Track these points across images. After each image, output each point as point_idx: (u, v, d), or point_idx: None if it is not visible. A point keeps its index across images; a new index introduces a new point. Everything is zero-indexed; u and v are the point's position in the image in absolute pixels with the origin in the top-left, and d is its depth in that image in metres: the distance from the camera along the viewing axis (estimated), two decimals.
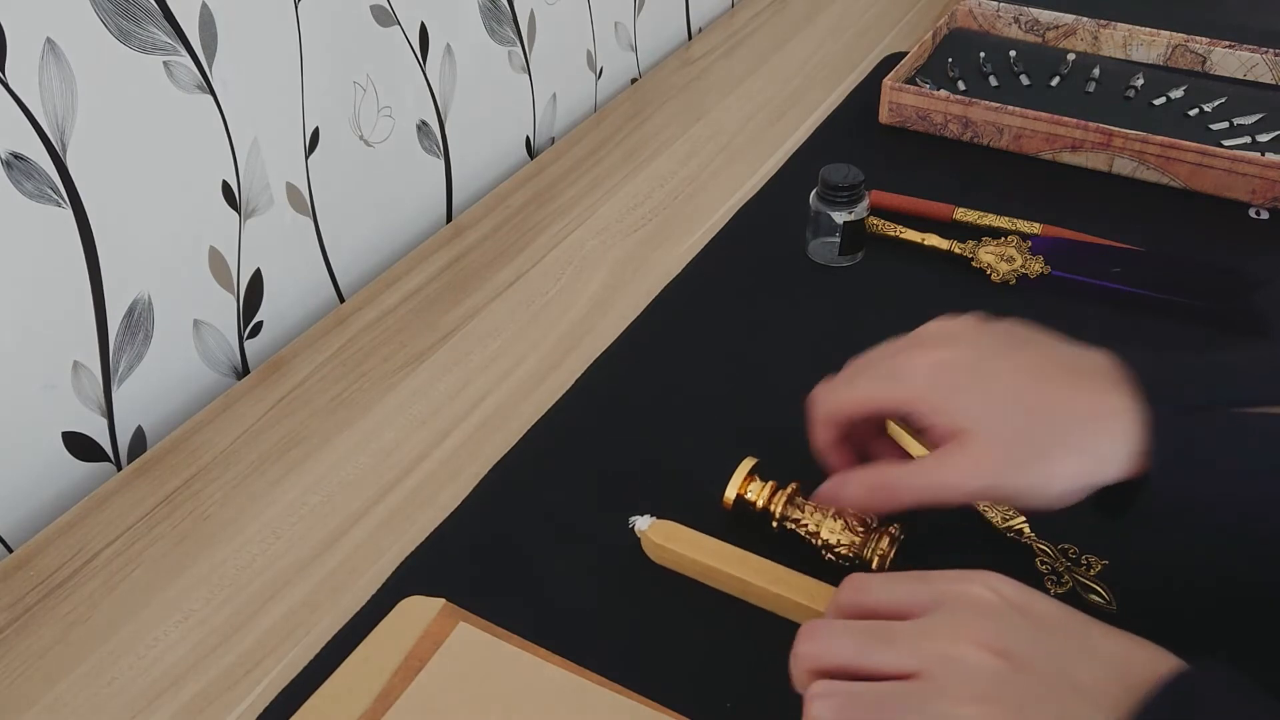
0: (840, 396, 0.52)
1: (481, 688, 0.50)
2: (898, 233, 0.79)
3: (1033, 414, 0.46)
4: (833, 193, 0.74)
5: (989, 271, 0.75)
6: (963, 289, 0.75)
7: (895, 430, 0.54)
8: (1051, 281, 0.74)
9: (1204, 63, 0.97)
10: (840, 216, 0.74)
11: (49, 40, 0.56)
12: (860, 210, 0.75)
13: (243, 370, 0.75)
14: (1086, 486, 0.46)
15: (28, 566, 0.58)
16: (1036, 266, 0.75)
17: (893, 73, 0.92)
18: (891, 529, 0.54)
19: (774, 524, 0.56)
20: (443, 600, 0.54)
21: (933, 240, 0.78)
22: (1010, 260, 0.75)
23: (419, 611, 0.53)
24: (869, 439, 0.54)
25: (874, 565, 0.53)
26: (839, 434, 0.53)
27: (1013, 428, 0.46)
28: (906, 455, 0.53)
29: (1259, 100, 0.91)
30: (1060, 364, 0.48)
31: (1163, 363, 0.47)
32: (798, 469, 0.58)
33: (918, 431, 0.52)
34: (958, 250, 0.77)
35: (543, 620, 0.53)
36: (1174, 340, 0.69)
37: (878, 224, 0.79)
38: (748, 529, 0.56)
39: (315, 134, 0.74)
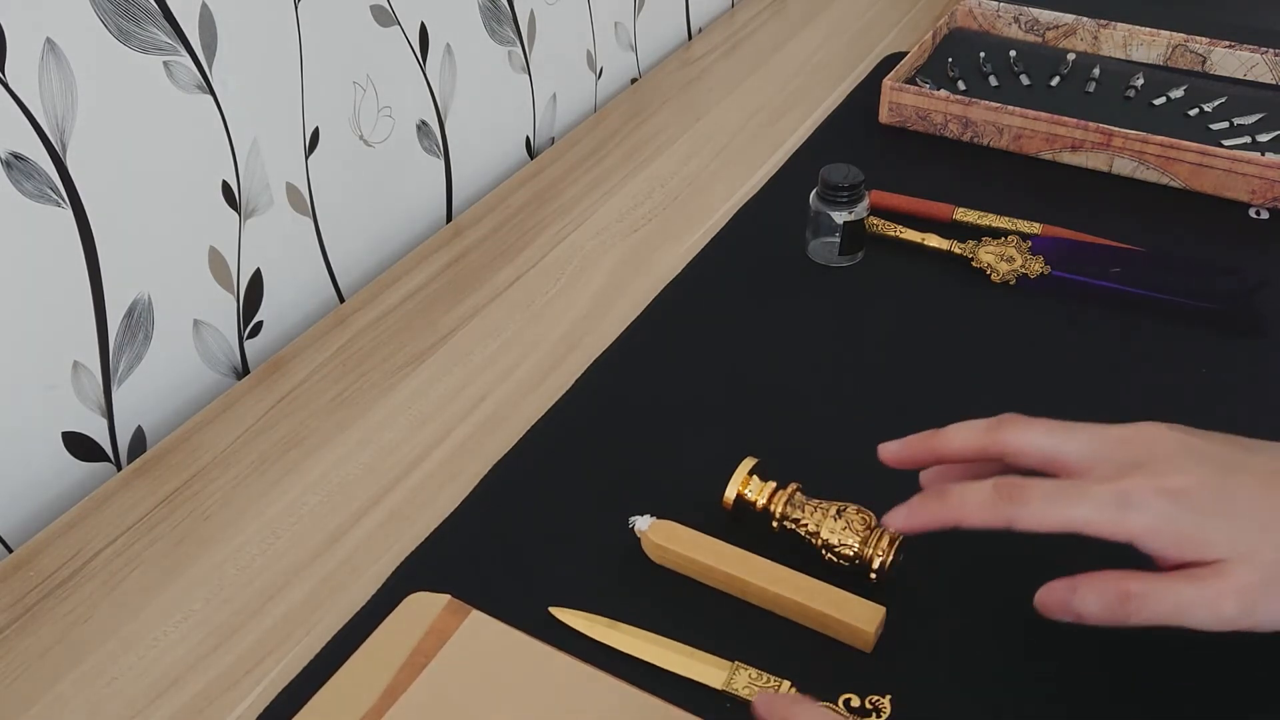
0: (1052, 514, 0.45)
1: (491, 678, 0.50)
2: (898, 233, 0.79)
3: None
4: (833, 193, 0.74)
5: (989, 271, 0.75)
6: (963, 289, 0.75)
7: None
8: (1051, 281, 0.74)
9: (1204, 63, 0.97)
10: (840, 216, 0.74)
11: (49, 40, 0.56)
12: (860, 210, 0.75)
13: (243, 370, 0.75)
14: None
15: (28, 566, 0.58)
16: (1036, 266, 0.75)
17: (893, 73, 0.92)
18: (892, 530, 0.54)
19: (774, 524, 0.56)
20: (448, 596, 0.54)
21: (933, 240, 0.78)
22: (1010, 260, 0.75)
23: (424, 607, 0.53)
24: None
25: (874, 565, 0.53)
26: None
27: (1273, 552, 0.42)
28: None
29: (1259, 100, 0.91)
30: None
31: None
32: (798, 469, 0.59)
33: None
34: (958, 250, 0.77)
35: (543, 620, 0.53)
36: (1174, 340, 0.69)
37: (878, 224, 0.79)
38: (748, 529, 0.56)
39: (315, 134, 0.74)
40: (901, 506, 0.49)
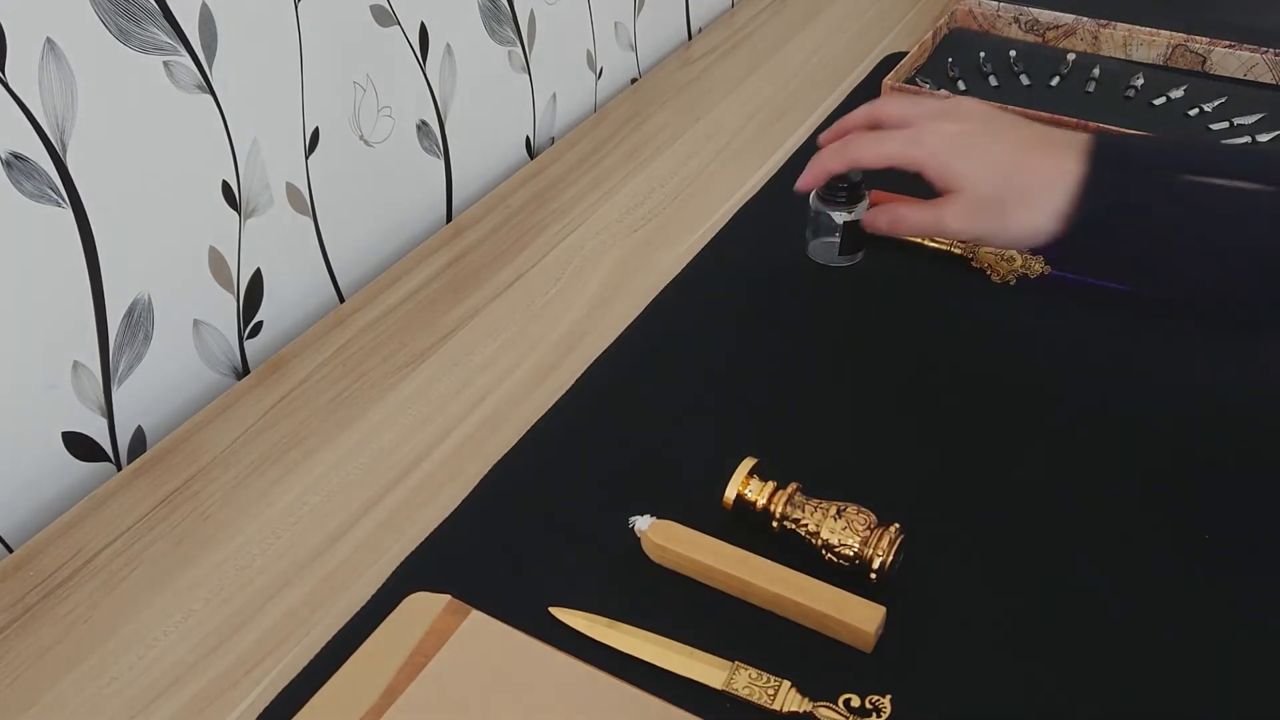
0: (873, 150, 0.62)
1: (491, 678, 0.50)
2: None
3: (1004, 178, 0.58)
4: (833, 193, 0.74)
5: (989, 271, 0.75)
6: (963, 289, 0.75)
7: None
8: (1051, 282, 0.74)
9: (1204, 63, 0.97)
10: (840, 216, 0.74)
11: (49, 40, 0.56)
12: (860, 210, 0.74)
13: (243, 370, 0.75)
14: (1038, 233, 0.56)
15: (28, 566, 0.58)
16: (1036, 266, 0.74)
17: (893, 73, 0.92)
18: (891, 529, 0.54)
19: (774, 524, 0.56)
20: (448, 596, 0.54)
21: (933, 240, 0.78)
22: (1010, 260, 0.75)
23: (424, 607, 0.53)
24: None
25: (874, 565, 0.53)
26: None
27: (988, 188, 0.58)
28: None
29: (1259, 100, 0.91)
30: (1040, 138, 0.59)
31: (1129, 138, 0.56)
32: (798, 469, 0.59)
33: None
34: (957, 250, 0.77)
35: (542, 620, 0.53)
36: (1174, 340, 0.69)
37: None
38: (748, 529, 0.56)
39: (315, 134, 0.74)
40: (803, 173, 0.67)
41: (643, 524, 0.56)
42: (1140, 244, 0.54)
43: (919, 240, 0.78)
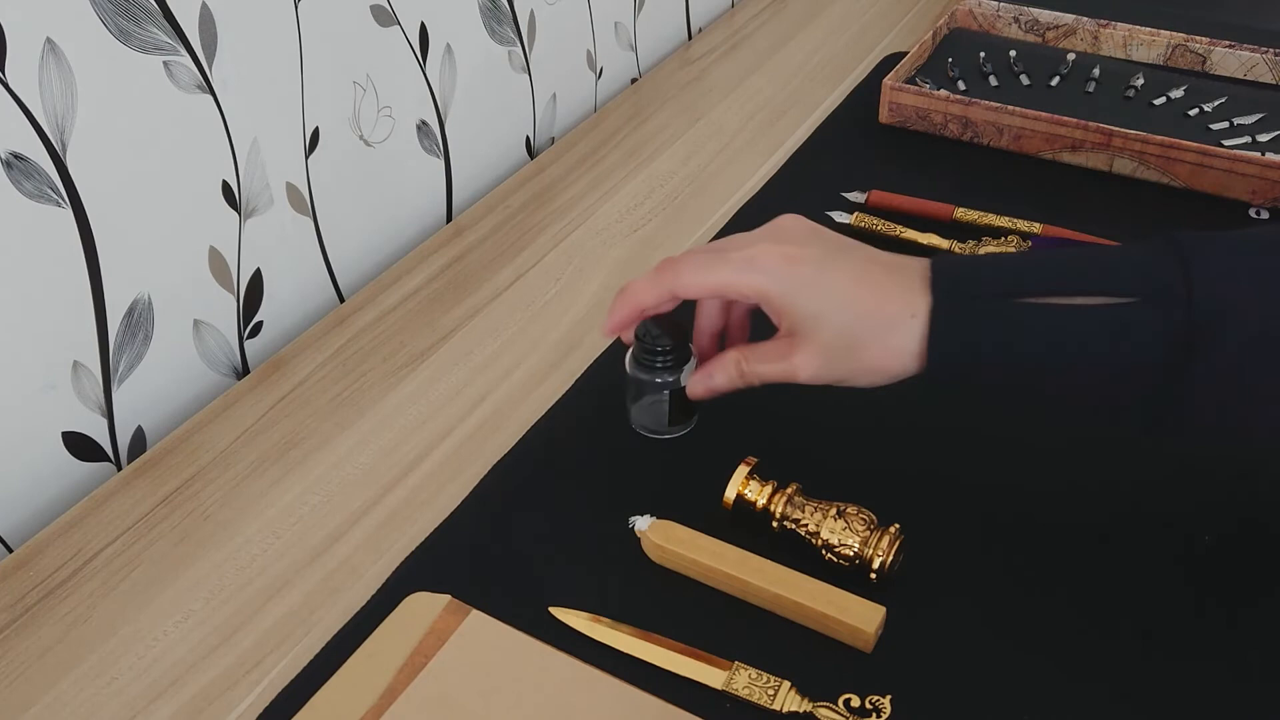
0: (700, 279, 0.56)
1: (491, 678, 0.50)
2: (898, 233, 0.79)
3: (853, 318, 0.53)
4: (652, 357, 0.60)
5: None
6: None
7: None
8: None
9: (1204, 63, 0.97)
10: (666, 384, 0.61)
11: (49, 40, 0.56)
12: (689, 373, 0.61)
13: (243, 370, 0.75)
14: (893, 375, 0.54)
15: (28, 566, 0.58)
16: None
17: (893, 72, 0.92)
18: (891, 529, 0.54)
19: (774, 524, 0.56)
20: (448, 596, 0.54)
21: (933, 240, 0.78)
22: None
23: (424, 607, 0.53)
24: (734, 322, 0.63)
25: (874, 565, 0.53)
26: (719, 322, 0.62)
27: (837, 332, 0.54)
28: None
29: (1259, 100, 0.91)
30: (884, 268, 0.55)
31: (965, 264, 0.54)
32: (798, 469, 0.59)
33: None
34: (958, 250, 0.77)
35: (542, 620, 0.53)
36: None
37: (878, 224, 0.79)
38: (748, 529, 0.56)
39: (315, 134, 0.74)
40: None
41: (643, 524, 0.56)
42: (1000, 375, 0.52)
43: (919, 240, 0.78)
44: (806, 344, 0.54)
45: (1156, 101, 0.93)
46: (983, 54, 0.99)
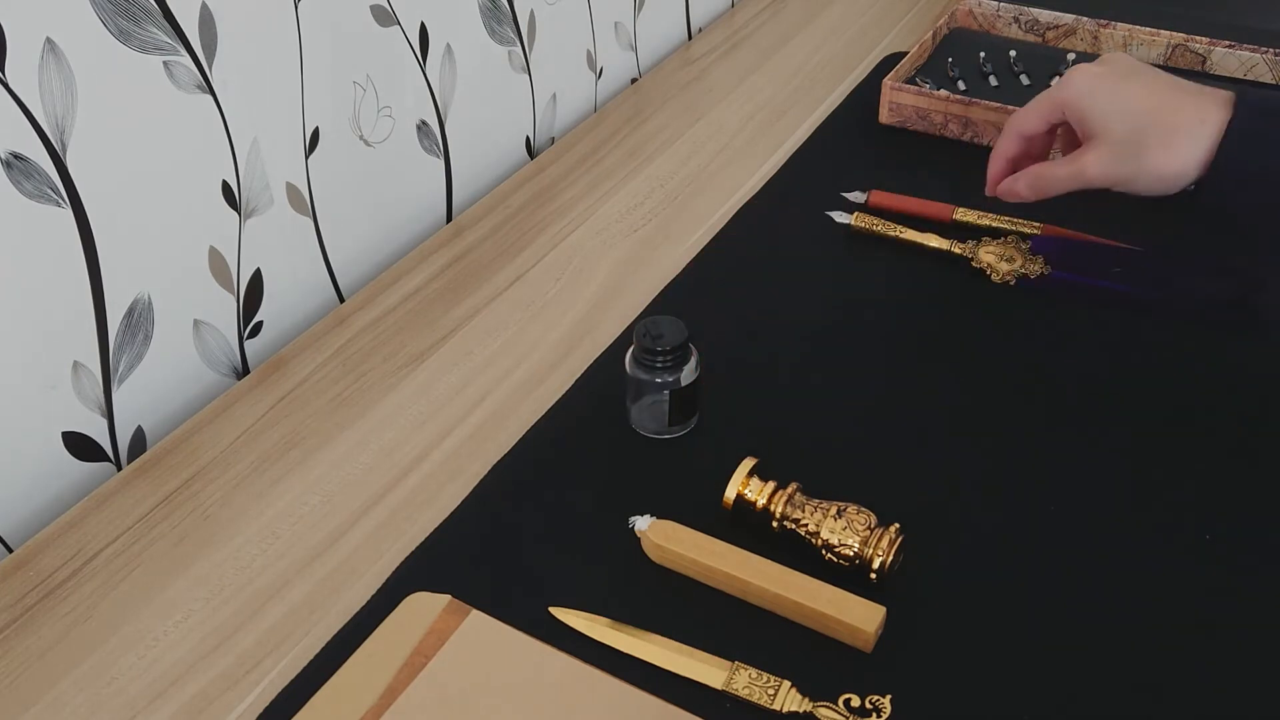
0: (1022, 111, 0.68)
1: (490, 678, 0.50)
2: (898, 233, 0.79)
3: (1143, 121, 0.60)
4: (652, 357, 0.60)
5: (989, 271, 0.75)
6: (963, 289, 0.75)
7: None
8: (1051, 281, 0.74)
9: (1204, 63, 0.97)
10: (667, 383, 0.61)
11: (49, 40, 0.56)
12: (689, 373, 0.61)
13: (243, 370, 0.75)
14: (1176, 176, 0.60)
15: (28, 566, 0.58)
16: (1036, 267, 0.75)
17: (893, 73, 0.92)
18: (891, 529, 0.54)
19: (774, 524, 0.56)
20: (448, 596, 0.54)
21: (933, 240, 0.78)
22: (1010, 260, 0.75)
23: (424, 607, 0.53)
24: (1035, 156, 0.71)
25: (874, 565, 0.53)
26: (1015, 149, 0.69)
27: (1128, 131, 0.60)
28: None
29: None
30: (1181, 85, 0.61)
31: (1266, 96, 0.60)
32: (798, 469, 0.59)
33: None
34: (958, 250, 0.77)
35: (542, 620, 0.53)
36: (1174, 339, 0.69)
37: (878, 224, 0.79)
38: (748, 529, 0.56)
39: (315, 134, 0.74)
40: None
41: (643, 524, 0.56)
42: (1275, 196, 0.57)
43: (919, 240, 0.78)
44: (1097, 144, 0.62)
45: None
46: (983, 54, 0.99)
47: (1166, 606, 0.54)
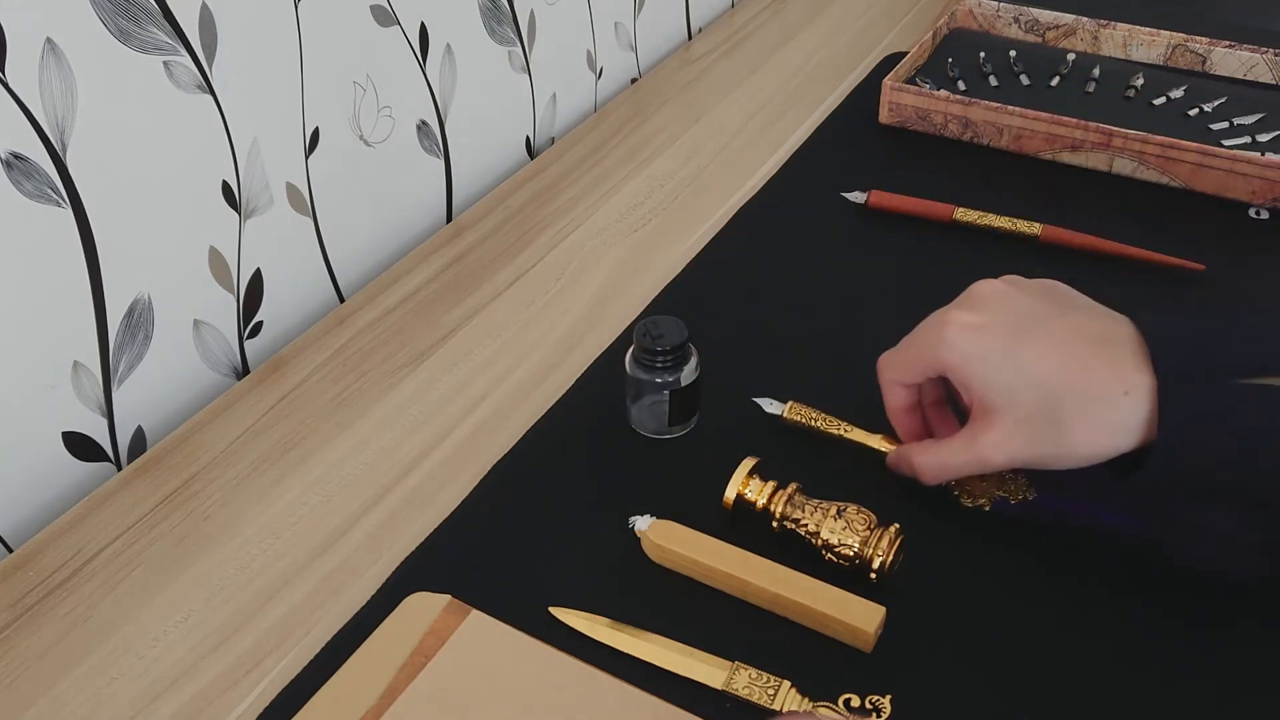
0: (893, 361, 0.57)
1: (490, 678, 0.50)
2: (827, 427, 0.64)
3: (1054, 391, 0.50)
4: (652, 357, 0.60)
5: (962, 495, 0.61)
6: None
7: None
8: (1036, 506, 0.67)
9: (1204, 63, 0.97)
10: (666, 384, 0.61)
11: (49, 40, 0.56)
12: (689, 372, 0.61)
13: (243, 370, 0.75)
14: (1104, 454, 0.50)
15: (28, 566, 0.58)
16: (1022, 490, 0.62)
17: (893, 73, 0.92)
18: (891, 529, 0.54)
19: (774, 524, 0.56)
20: (448, 596, 0.54)
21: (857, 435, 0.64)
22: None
23: (424, 607, 0.53)
24: (929, 404, 0.59)
25: (874, 565, 0.53)
26: (908, 399, 0.58)
27: (1035, 405, 0.50)
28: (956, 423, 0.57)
29: (1259, 100, 0.91)
30: (1085, 336, 0.51)
31: (1177, 334, 0.50)
32: (798, 469, 0.59)
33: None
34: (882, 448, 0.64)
35: (542, 620, 0.53)
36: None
37: (816, 418, 0.68)
38: (748, 529, 0.56)
39: (315, 134, 0.74)
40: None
41: (643, 524, 0.56)
42: (1224, 454, 0.48)
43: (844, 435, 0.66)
44: (997, 423, 0.51)
45: (1156, 102, 0.93)
46: (983, 54, 0.99)
47: (1167, 606, 0.54)
